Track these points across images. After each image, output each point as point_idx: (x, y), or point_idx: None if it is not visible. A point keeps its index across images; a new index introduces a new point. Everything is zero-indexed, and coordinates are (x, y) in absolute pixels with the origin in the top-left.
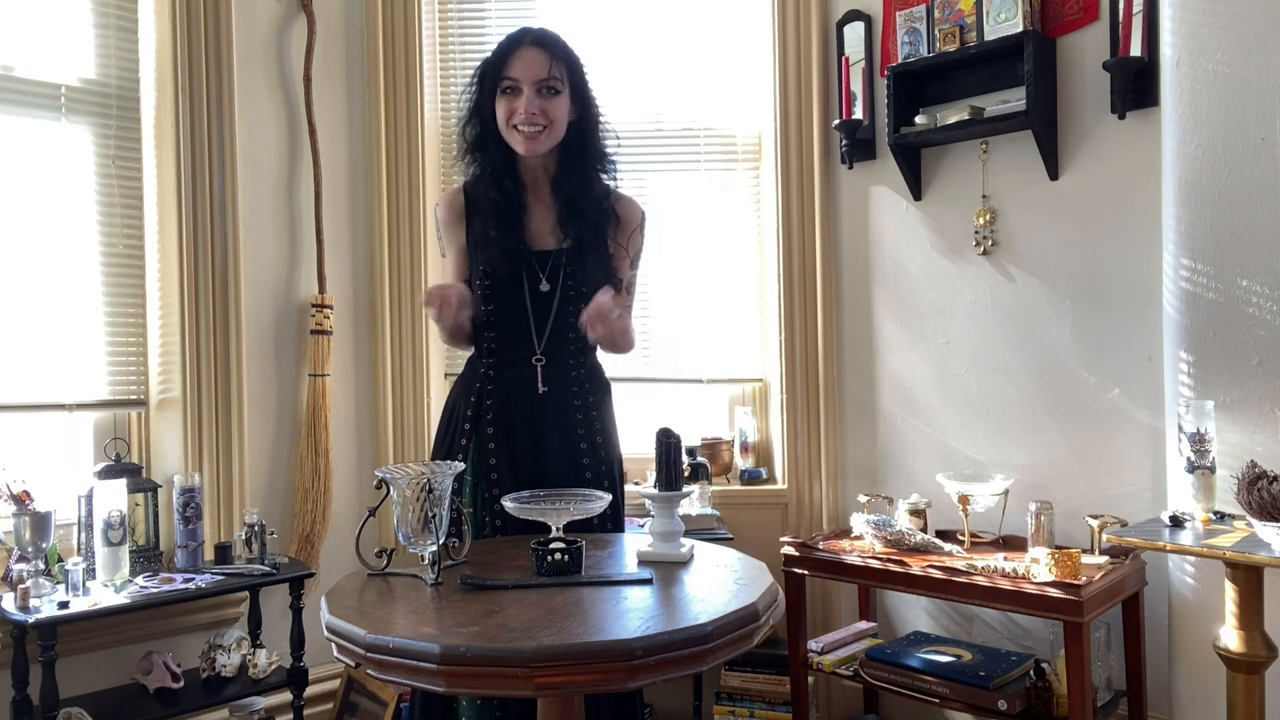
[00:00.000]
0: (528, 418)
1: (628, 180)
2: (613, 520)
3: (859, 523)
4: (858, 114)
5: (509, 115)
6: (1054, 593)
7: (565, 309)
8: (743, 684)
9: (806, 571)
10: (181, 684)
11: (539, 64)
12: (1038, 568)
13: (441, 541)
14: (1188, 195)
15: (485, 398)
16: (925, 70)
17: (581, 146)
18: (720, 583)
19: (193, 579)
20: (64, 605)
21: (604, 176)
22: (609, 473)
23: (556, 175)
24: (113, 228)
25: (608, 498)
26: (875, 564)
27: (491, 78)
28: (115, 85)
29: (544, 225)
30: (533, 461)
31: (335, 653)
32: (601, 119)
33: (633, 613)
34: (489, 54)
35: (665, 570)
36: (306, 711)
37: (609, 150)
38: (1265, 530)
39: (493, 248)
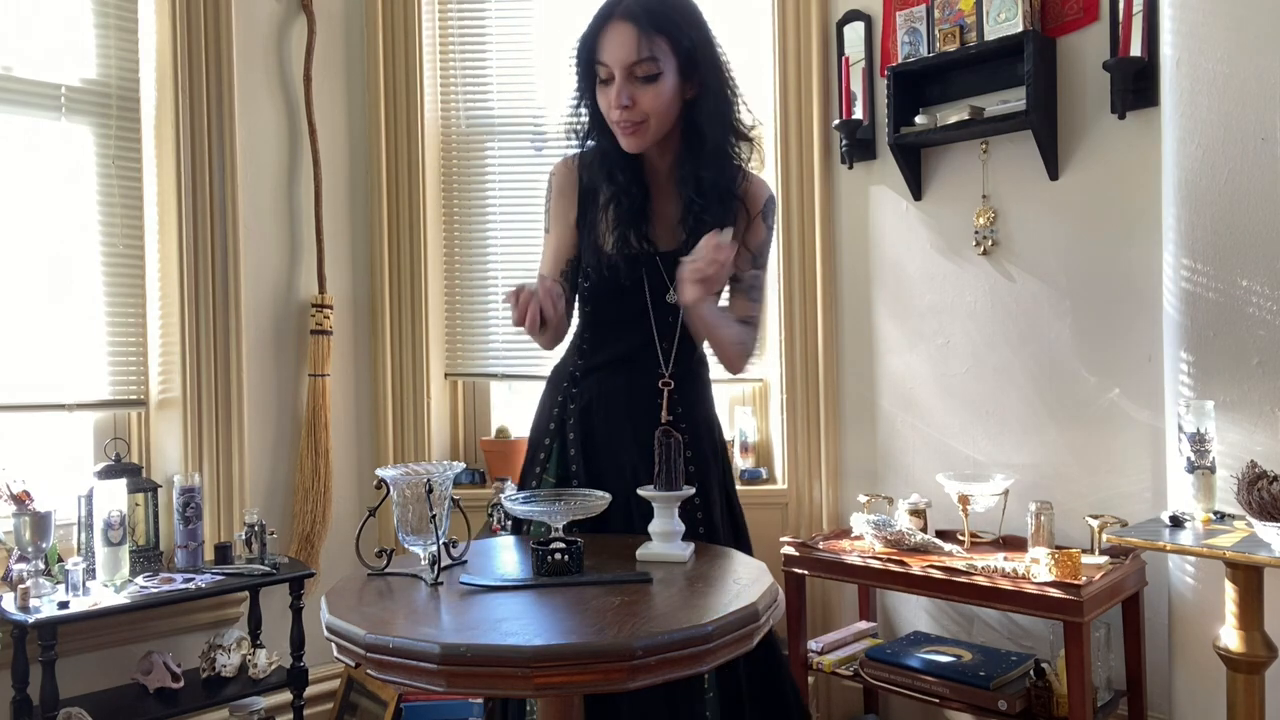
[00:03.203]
0: (610, 429)
1: None
2: (739, 539)
3: (859, 523)
4: (858, 114)
5: (607, 111)
6: (1054, 593)
7: (663, 320)
8: None
9: (806, 571)
10: (181, 684)
11: (628, 44)
12: (1038, 568)
13: (441, 541)
14: (1188, 195)
15: (570, 401)
16: (925, 70)
17: (701, 129)
18: (720, 583)
19: (193, 579)
20: (64, 605)
21: (734, 160)
22: (712, 485)
23: (676, 165)
24: (113, 228)
25: (607, 497)
26: (875, 564)
27: (585, 61)
28: (115, 85)
29: (667, 222)
30: (612, 475)
31: (335, 653)
32: (731, 88)
33: (633, 613)
34: (584, 28)
35: (665, 570)
36: (306, 711)
37: (742, 126)
38: (1265, 530)
39: (612, 247)
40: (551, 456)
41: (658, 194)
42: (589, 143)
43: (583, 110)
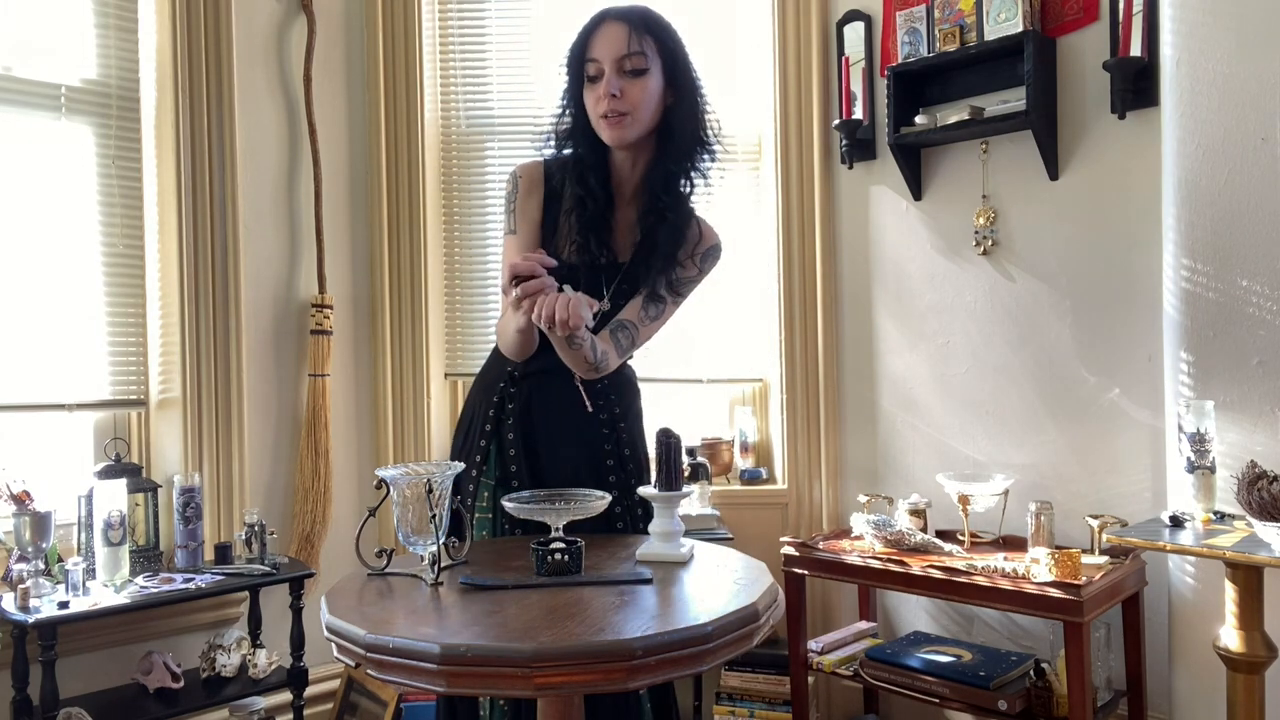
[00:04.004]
0: (549, 428)
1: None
2: (645, 522)
3: (859, 523)
4: (858, 114)
5: (595, 105)
6: (1054, 593)
7: (606, 323)
8: (743, 684)
9: (806, 571)
10: (181, 684)
11: (620, 38)
12: (1038, 568)
13: (441, 541)
14: (1188, 195)
15: (508, 400)
16: (925, 70)
17: (674, 134)
18: (720, 583)
19: (193, 579)
20: (64, 605)
21: (695, 177)
22: (640, 485)
23: (645, 171)
24: (113, 228)
25: (607, 497)
26: (875, 564)
27: (576, 61)
28: (115, 85)
29: (626, 235)
30: (554, 473)
31: (335, 653)
32: (704, 105)
33: (633, 613)
34: (576, 34)
35: (665, 570)
36: (306, 711)
37: (711, 144)
38: (1265, 530)
39: (569, 253)
40: (489, 459)
41: (621, 205)
42: (566, 150)
43: (568, 115)
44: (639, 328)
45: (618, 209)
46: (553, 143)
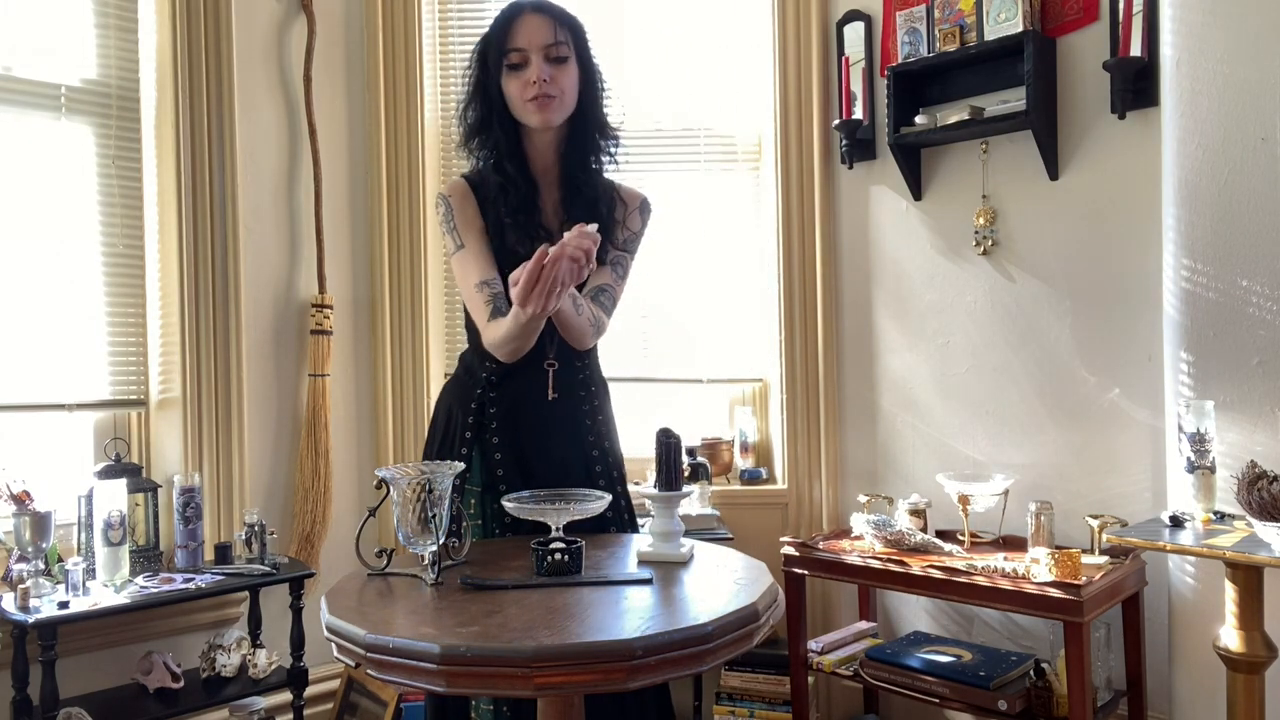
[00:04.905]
0: (535, 426)
1: (627, 181)
2: (629, 521)
3: (859, 523)
4: (858, 114)
5: (522, 90)
6: (1054, 593)
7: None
8: (743, 684)
9: (806, 571)
10: (181, 684)
11: (544, 29)
12: (1038, 568)
13: (441, 541)
14: (1188, 195)
15: (489, 405)
16: (925, 70)
17: (586, 119)
18: (720, 583)
19: (193, 579)
20: (64, 605)
21: (605, 157)
22: (620, 478)
23: (563, 152)
24: (113, 228)
25: (607, 498)
26: (875, 564)
27: (496, 51)
28: (115, 85)
29: (555, 212)
30: (543, 471)
31: (335, 653)
32: (604, 89)
33: (633, 613)
34: (487, 30)
35: (665, 570)
36: (306, 711)
37: (613, 130)
38: (1265, 530)
39: (512, 236)
40: (472, 465)
41: (546, 188)
42: (474, 141)
43: (476, 104)
44: (614, 287)
45: (542, 192)
46: (464, 135)
